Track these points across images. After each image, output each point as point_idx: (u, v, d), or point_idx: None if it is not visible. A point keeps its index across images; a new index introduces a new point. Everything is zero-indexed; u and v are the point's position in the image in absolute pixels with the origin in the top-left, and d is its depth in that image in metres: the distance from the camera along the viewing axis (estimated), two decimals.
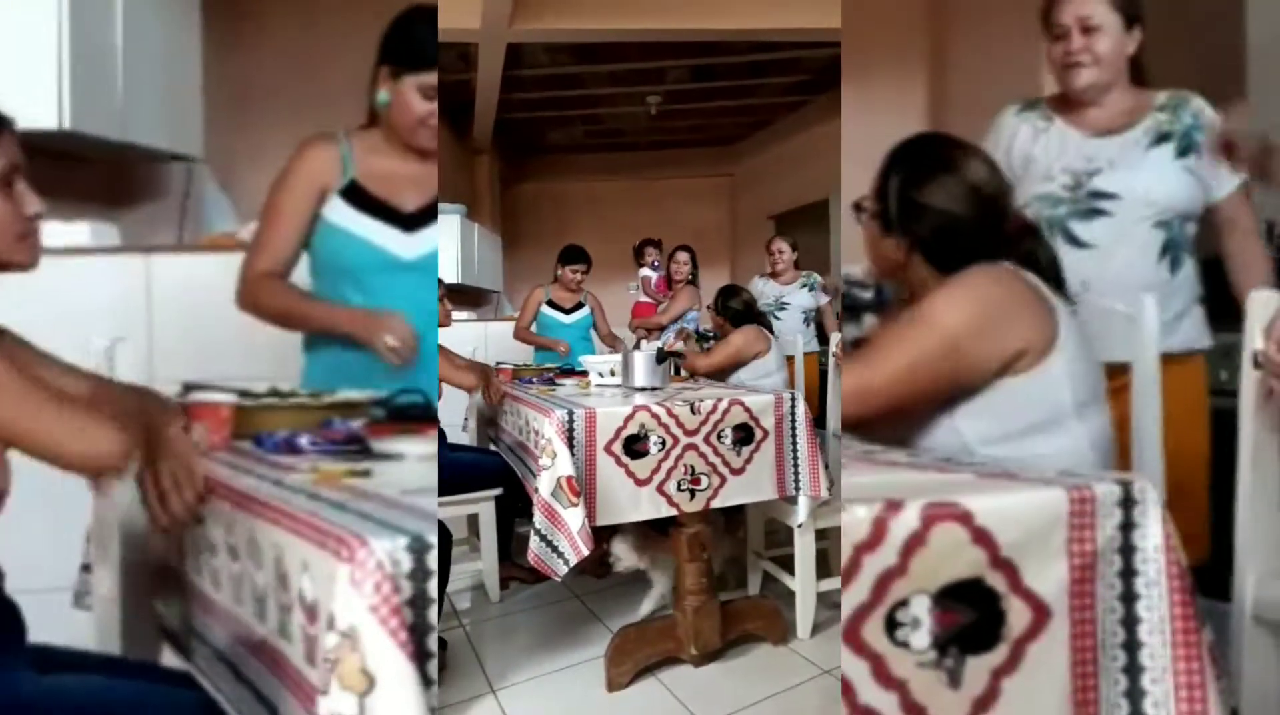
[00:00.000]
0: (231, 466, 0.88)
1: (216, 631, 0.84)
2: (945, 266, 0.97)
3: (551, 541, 1.43)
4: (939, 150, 1.00)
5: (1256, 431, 0.90)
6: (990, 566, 0.65)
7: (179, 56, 2.03)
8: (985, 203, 0.96)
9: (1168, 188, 1.28)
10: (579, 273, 3.14)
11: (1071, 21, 1.29)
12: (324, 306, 1.20)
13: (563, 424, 1.49)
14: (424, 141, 1.21)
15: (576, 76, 4.54)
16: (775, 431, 1.69)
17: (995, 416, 0.89)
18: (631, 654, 1.62)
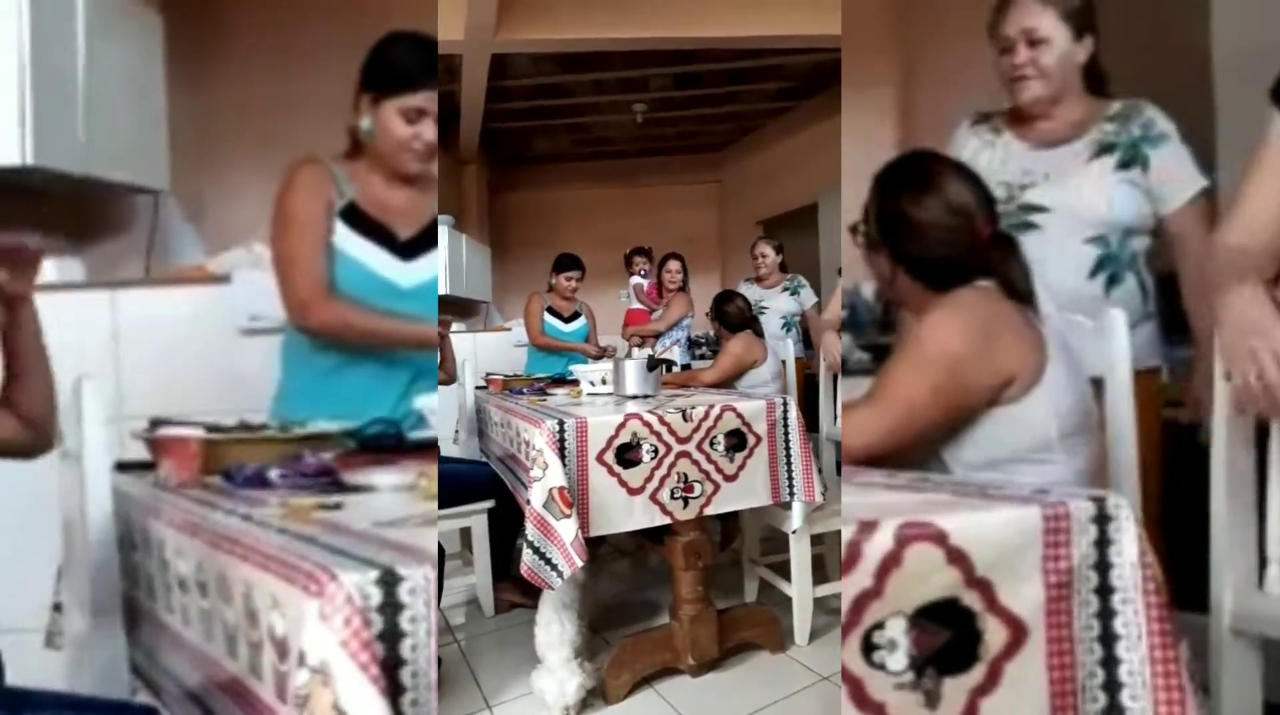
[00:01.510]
0: (201, 502, 0.87)
1: (187, 669, 0.82)
2: (930, 282, 0.98)
3: (544, 554, 1.42)
4: (920, 167, 1.01)
5: (1229, 444, 0.90)
6: (966, 586, 0.65)
7: (143, 89, 2.02)
8: (962, 219, 0.97)
9: (1104, 201, 1.25)
10: (574, 280, 3.15)
11: (1017, 34, 1.28)
12: (407, 324, 1.18)
13: (553, 434, 1.47)
14: (410, 165, 1.19)
15: (562, 86, 4.55)
16: (768, 437, 1.68)
17: (980, 446, 0.90)
18: (629, 665, 1.60)
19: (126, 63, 1.94)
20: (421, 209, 1.25)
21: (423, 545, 0.69)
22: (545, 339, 3.15)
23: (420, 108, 1.15)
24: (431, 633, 0.63)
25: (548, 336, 3.15)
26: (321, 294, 1.16)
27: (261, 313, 1.41)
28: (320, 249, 1.16)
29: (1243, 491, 0.89)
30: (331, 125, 1.22)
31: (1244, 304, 0.85)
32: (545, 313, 3.17)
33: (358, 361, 1.19)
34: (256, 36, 2.34)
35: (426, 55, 1.17)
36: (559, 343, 3.13)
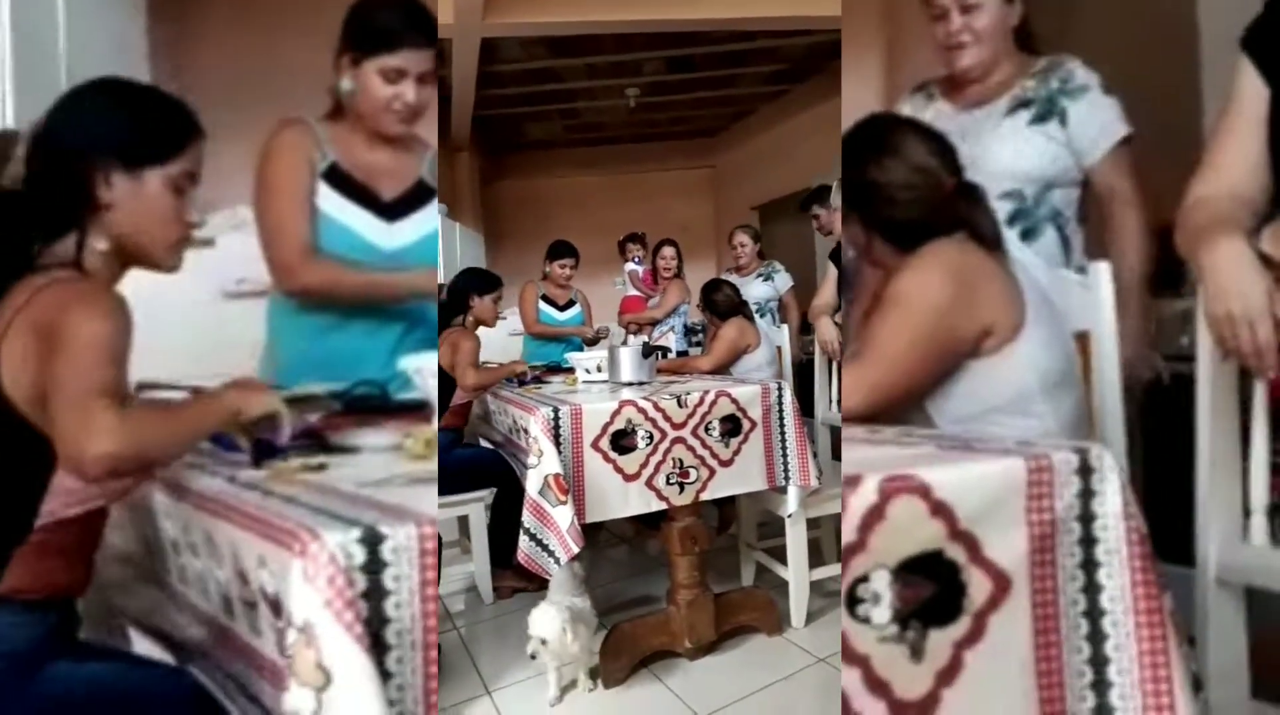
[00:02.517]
0: (188, 465, 0.87)
1: (191, 627, 0.83)
2: (904, 243, 0.97)
3: (541, 540, 1.42)
4: (880, 131, 1.01)
5: (1213, 394, 0.89)
6: (950, 538, 0.65)
7: (124, 52, 1.99)
8: (927, 176, 0.97)
9: (1014, 156, 1.25)
10: (568, 267, 3.14)
11: (950, 1, 1.27)
12: (397, 278, 1.17)
13: (548, 422, 1.47)
14: (391, 126, 1.18)
15: (553, 70, 4.49)
16: (763, 422, 1.68)
17: (962, 398, 0.90)
18: (626, 650, 1.61)
19: (107, 26, 1.91)
20: (406, 170, 1.23)
21: (407, 504, 0.68)
22: (540, 327, 3.14)
23: (400, 67, 1.13)
24: (417, 592, 0.63)
25: (543, 324, 3.14)
26: (306, 255, 1.14)
27: (246, 276, 1.39)
28: (303, 211, 1.15)
29: (1226, 442, 0.89)
30: (315, 88, 1.20)
31: (1225, 260, 0.83)
32: (540, 301, 3.16)
33: (344, 323, 1.19)
34: (238, 6, 2.30)
35: (408, 16, 1.15)
36: (553, 329, 3.12)
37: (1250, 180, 0.91)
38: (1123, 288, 1.08)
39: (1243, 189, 0.91)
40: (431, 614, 0.65)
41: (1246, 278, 0.81)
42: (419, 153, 1.26)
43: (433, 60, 1.15)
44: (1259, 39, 0.91)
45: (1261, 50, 0.91)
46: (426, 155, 1.28)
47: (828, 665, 1.62)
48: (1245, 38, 0.93)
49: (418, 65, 1.14)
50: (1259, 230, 0.85)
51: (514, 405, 1.72)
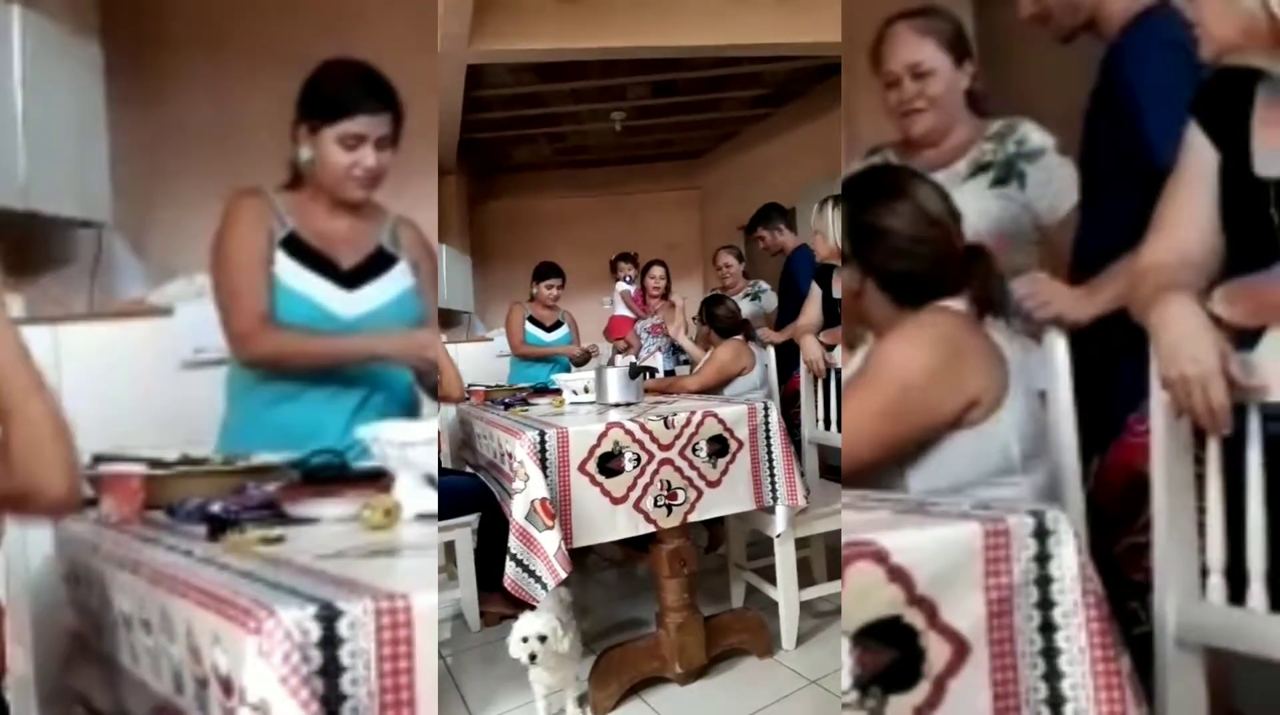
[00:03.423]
0: (142, 539, 0.86)
1: (138, 705, 0.80)
2: (900, 295, 0.98)
3: (528, 566, 1.41)
4: (890, 178, 1.03)
5: (1168, 452, 0.89)
6: (908, 604, 0.66)
7: (83, 123, 2.00)
8: (936, 228, 0.98)
9: (977, 218, 1.24)
10: (555, 288, 3.16)
11: (901, 69, 1.30)
12: (353, 339, 1.17)
13: (534, 446, 1.46)
14: (353, 193, 1.18)
15: (539, 95, 4.55)
16: (750, 442, 1.69)
17: (942, 470, 0.91)
18: (616, 676, 1.59)
19: (66, 97, 1.92)
20: (366, 237, 1.24)
21: (365, 578, 0.68)
22: (527, 348, 3.14)
23: (358, 133, 1.14)
24: (374, 668, 0.62)
25: (529, 346, 3.14)
26: (260, 325, 1.14)
27: (205, 345, 1.39)
28: (260, 280, 1.15)
29: (1182, 500, 0.88)
30: (275, 155, 1.21)
31: (1176, 322, 0.83)
32: (527, 322, 3.16)
33: (303, 391, 1.18)
34: (197, 69, 2.34)
35: (363, 82, 1.16)
36: (540, 349, 3.12)
37: (1201, 243, 0.92)
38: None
39: (1193, 251, 0.92)
40: (395, 688, 0.63)
41: (1198, 339, 0.81)
42: (379, 220, 1.27)
43: (390, 124, 1.16)
44: (1207, 104, 0.93)
45: (1210, 115, 0.93)
46: (386, 222, 1.28)
47: (819, 688, 1.61)
48: (1194, 103, 0.95)
49: (375, 130, 1.14)
50: (1210, 292, 0.86)
51: (499, 429, 1.71)
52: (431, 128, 2.95)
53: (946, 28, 1.31)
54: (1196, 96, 0.95)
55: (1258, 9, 0.80)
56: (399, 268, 1.25)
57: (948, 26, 1.31)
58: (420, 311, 1.26)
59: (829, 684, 1.61)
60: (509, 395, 2.36)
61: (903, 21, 1.31)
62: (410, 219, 1.32)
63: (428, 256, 1.31)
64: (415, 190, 1.70)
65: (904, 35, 1.30)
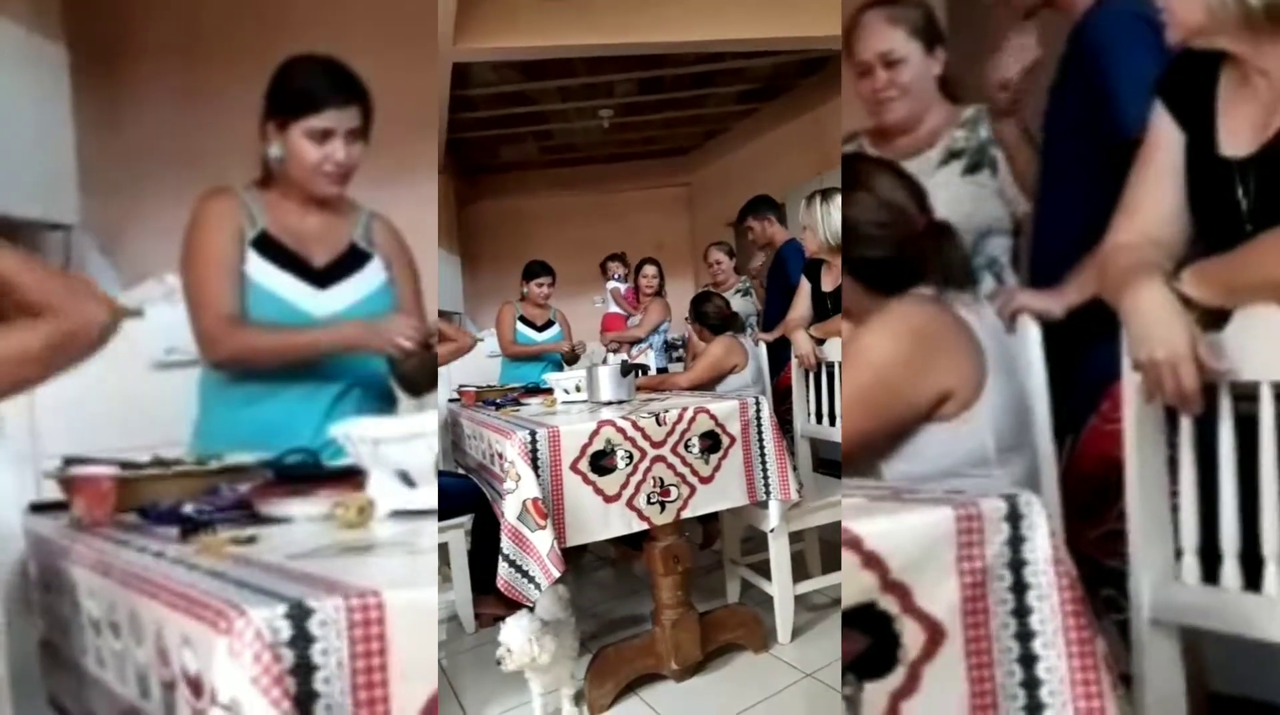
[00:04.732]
0: (114, 541, 0.85)
1: (105, 712, 0.79)
2: (870, 282, 0.99)
3: (521, 566, 1.40)
4: (849, 171, 1.04)
5: (1141, 434, 0.89)
6: (882, 590, 0.66)
7: (49, 123, 1.97)
8: (894, 212, 0.99)
9: (949, 206, 1.24)
10: (545, 286, 3.15)
11: (873, 58, 1.30)
12: (322, 329, 1.16)
13: (525, 445, 1.46)
14: (324, 188, 1.17)
15: (526, 93, 4.53)
16: (742, 437, 1.69)
17: (919, 460, 0.91)
18: (611, 674, 1.59)
19: (32, 99, 1.90)
20: (338, 234, 1.23)
21: (337, 575, 0.67)
22: (516, 347, 3.13)
23: (326, 128, 1.13)
24: (347, 665, 0.61)
25: (519, 345, 3.13)
26: (226, 325, 1.13)
27: (176, 346, 1.38)
28: (228, 280, 1.14)
29: (1155, 481, 0.89)
30: (247, 153, 1.19)
31: (1147, 306, 0.84)
32: (518, 322, 3.15)
33: (276, 390, 1.17)
34: (166, 66, 2.30)
35: (329, 75, 1.15)
36: (529, 348, 3.11)
37: (1168, 224, 0.93)
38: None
39: (1161, 233, 0.93)
40: (369, 686, 0.62)
41: (1168, 322, 0.82)
42: (352, 217, 1.26)
43: (359, 117, 1.15)
44: (1173, 85, 0.94)
45: (1175, 96, 0.93)
46: (360, 219, 1.27)
47: (815, 680, 1.61)
48: (1160, 83, 0.95)
49: (344, 123, 1.14)
50: (1178, 272, 0.87)
51: (490, 429, 1.70)
52: (431, 129, 2.92)
53: (917, 15, 1.30)
54: (1162, 77, 0.95)
55: None
56: (372, 265, 1.24)
57: (918, 14, 1.31)
58: (394, 308, 1.24)
59: (825, 677, 1.61)
60: (500, 396, 2.35)
61: (873, 10, 1.31)
62: (384, 215, 1.31)
63: (401, 250, 1.30)
64: (416, 192, 1.70)
65: (874, 24, 1.30)
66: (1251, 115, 0.87)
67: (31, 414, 1.53)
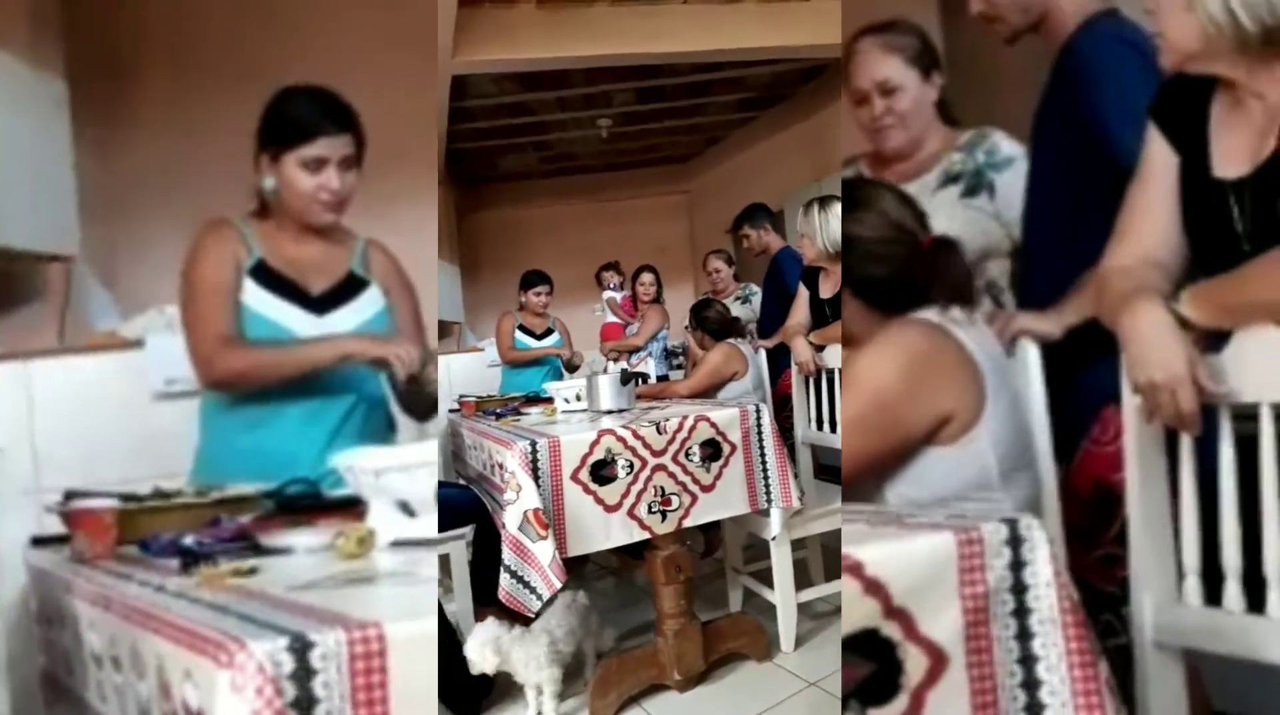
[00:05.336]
0: (115, 575, 0.85)
1: None
2: (873, 301, 1.00)
3: (522, 577, 1.40)
4: (855, 191, 1.05)
5: (1141, 455, 0.88)
6: (885, 616, 0.66)
7: (49, 155, 1.98)
8: (900, 232, 1.00)
9: (947, 229, 1.23)
10: (543, 295, 3.16)
11: (870, 86, 1.30)
12: (319, 343, 1.16)
13: (526, 455, 1.46)
14: (320, 217, 1.18)
15: (525, 104, 4.56)
16: (743, 445, 1.68)
17: (921, 484, 0.91)
18: (615, 685, 1.58)
19: (31, 129, 1.91)
20: (336, 262, 1.23)
21: (338, 607, 0.67)
22: (515, 353, 3.13)
23: (320, 156, 1.13)
24: (349, 698, 0.61)
25: (517, 351, 3.13)
26: (220, 345, 1.13)
27: (177, 376, 1.39)
28: (224, 305, 1.14)
29: (1156, 503, 0.88)
30: (245, 184, 1.20)
31: (1145, 328, 0.84)
32: (517, 330, 3.16)
33: (276, 416, 1.17)
34: (166, 100, 2.32)
35: (321, 104, 1.15)
36: (526, 353, 3.12)
37: (1165, 245, 0.93)
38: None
39: (1158, 255, 0.93)
40: None
41: (1167, 345, 0.82)
42: (349, 245, 1.27)
43: (352, 145, 1.16)
44: (1166, 108, 0.94)
45: (1169, 119, 0.94)
46: (357, 247, 1.28)
47: (818, 689, 1.60)
48: (1153, 107, 0.95)
49: (338, 151, 1.14)
50: (1176, 294, 0.87)
51: (490, 439, 1.70)
52: (431, 152, 2.93)
53: (913, 42, 1.31)
54: (1155, 100, 0.96)
55: (1219, 16, 0.81)
56: (370, 292, 1.25)
57: (914, 41, 1.31)
58: (393, 333, 1.24)
59: (828, 685, 1.60)
60: (500, 406, 2.35)
61: (869, 38, 1.32)
62: (380, 243, 1.32)
63: (399, 278, 1.30)
64: (415, 218, 1.70)
65: (870, 52, 1.31)
66: (1246, 137, 0.87)
67: (33, 447, 1.53)
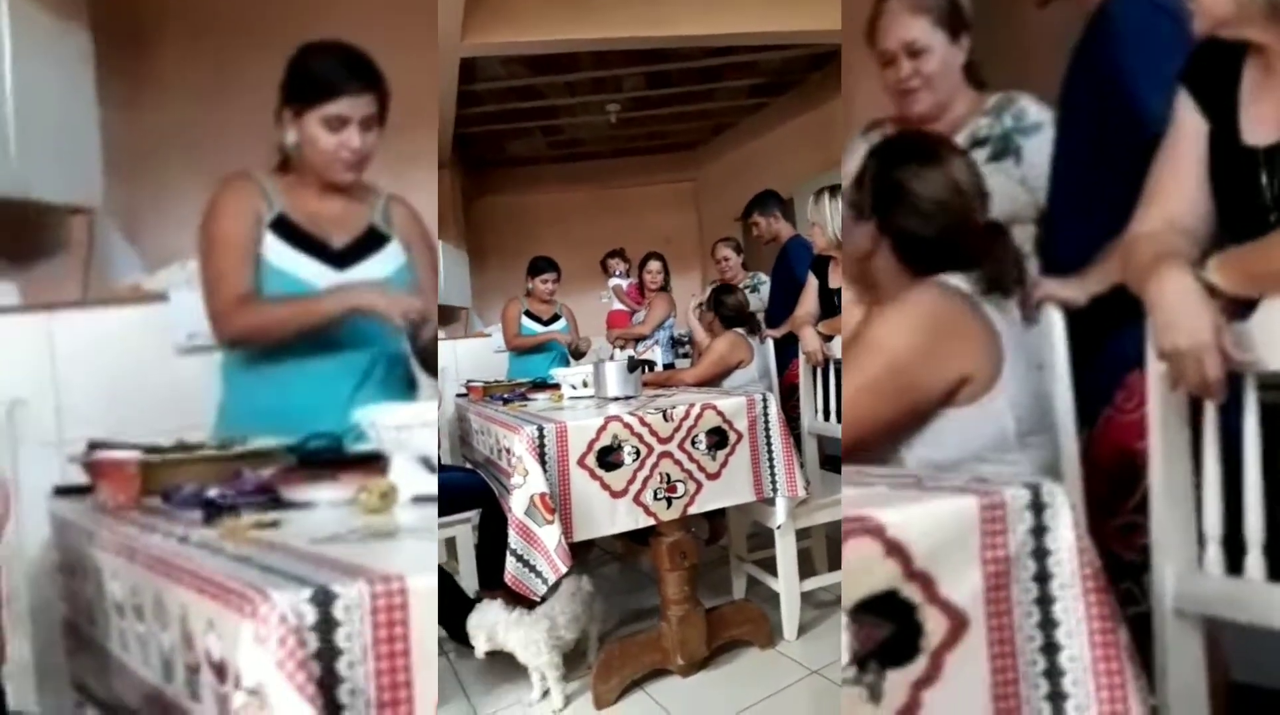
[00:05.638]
0: (138, 525, 0.85)
1: (129, 694, 0.81)
2: (913, 260, 0.97)
3: (529, 561, 1.41)
4: (925, 144, 1.02)
5: (1165, 423, 0.88)
6: (905, 578, 0.66)
7: (74, 107, 1.98)
8: (962, 199, 0.97)
9: None
10: (550, 282, 3.16)
11: (897, 47, 1.28)
12: (327, 296, 1.15)
13: (533, 440, 1.46)
14: (340, 175, 1.17)
15: (533, 88, 4.52)
16: (749, 433, 1.68)
17: (939, 446, 0.91)
18: (618, 669, 1.59)
19: (56, 81, 1.90)
20: (357, 217, 1.23)
21: (361, 561, 0.68)
22: (520, 340, 3.14)
23: (342, 115, 1.13)
24: (371, 650, 0.62)
25: (523, 337, 3.14)
26: (236, 303, 1.13)
27: (199, 330, 1.40)
28: (243, 262, 1.14)
29: (1179, 470, 0.88)
30: (268, 138, 1.20)
31: (1172, 294, 0.83)
32: (524, 317, 3.16)
33: (298, 371, 1.17)
34: (189, 53, 2.31)
35: (345, 62, 1.14)
36: (533, 338, 3.12)
37: (1192, 212, 0.92)
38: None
39: (1185, 221, 0.92)
40: (391, 670, 0.62)
41: (1193, 312, 0.82)
42: (370, 200, 1.26)
43: (374, 104, 1.15)
44: (1197, 74, 0.93)
45: (1199, 85, 0.93)
46: (379, 202, 1.27)
47: (821, 677, 1.61)
48: (1183, 73, 0.94)
49: (360, 110, 1.13)
50: (1204, 260, 0.86)
51: (497, 424, 1.71)
52: (431, 114, 2.93)
53: (941, 3, 1.29)
54: (1185, 66, 0.94)
55: None
56: (391, 247, 1.25)
57: (943, 2, 1.29)
58: (413, 289, 1.24)
59: (831, 673, 1.61)
60: (507, 391, 2.35)
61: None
62: (402, 197, 1.31)
63: (420, 234, 1.30)
64: (415, 176, 1.69)
65: (898, 13, 1.29)
66: (1277, 105, 0.86)
67: (56, 398, 1.54)
